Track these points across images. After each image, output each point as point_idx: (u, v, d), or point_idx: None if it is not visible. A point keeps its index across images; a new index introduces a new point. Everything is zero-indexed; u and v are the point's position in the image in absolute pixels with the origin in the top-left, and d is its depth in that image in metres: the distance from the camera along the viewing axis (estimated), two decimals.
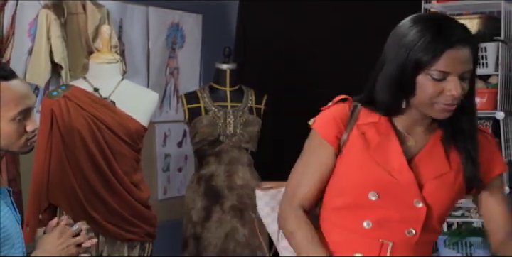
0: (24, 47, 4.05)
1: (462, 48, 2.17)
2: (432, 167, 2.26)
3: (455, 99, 2.19)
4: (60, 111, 3.72)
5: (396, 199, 2.23)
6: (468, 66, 2.19)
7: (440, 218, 2.32)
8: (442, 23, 2.22)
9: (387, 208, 2.24)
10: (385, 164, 2.24)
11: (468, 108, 2.30)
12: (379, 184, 2.24)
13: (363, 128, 2.29)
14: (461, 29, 2.21)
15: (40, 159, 3.73)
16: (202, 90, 4.71)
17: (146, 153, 4.49)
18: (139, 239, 3.89)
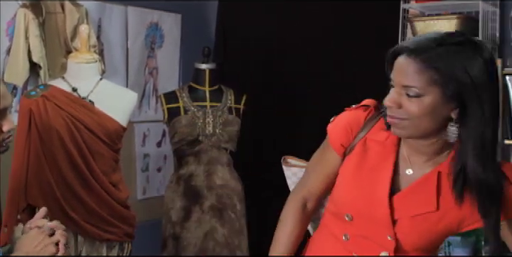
0: (2, 47, 4.03)
1: (408, 57, 1.98)
2: (414, 204, 2.11)
3: (391, 111, 2.01)
4: (38, 110, 3.71)
5: (369, 225, 2.16)
6: (409, 81, 1.96)
7: (422, 251, 2.19)
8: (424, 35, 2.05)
9: (362, 230, 2.18)
10: (369, 190, 2.15)
11: (466, 145, 2.00)
12: (354, 209, 2.17)
13: (370, 144, 2.19)
14: (428, 40, 1.99)
15: (18, 159, 3.71)
16: (181, 90, 4.70)
17: (125, 153, 4.48)
18: (118, 239, 3.88)
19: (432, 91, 1.94)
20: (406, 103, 1.98)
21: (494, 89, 1.98)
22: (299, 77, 5.22)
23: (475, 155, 1.98)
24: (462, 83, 1.93)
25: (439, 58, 1.93)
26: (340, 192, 2.24)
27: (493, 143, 1.98)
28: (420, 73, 1.94)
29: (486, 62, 1.97)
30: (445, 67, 1.92)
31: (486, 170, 1.99)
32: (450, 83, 1.93)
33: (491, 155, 1.99)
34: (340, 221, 2.24)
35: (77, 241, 3.78)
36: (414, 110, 1.97)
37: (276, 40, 5.40)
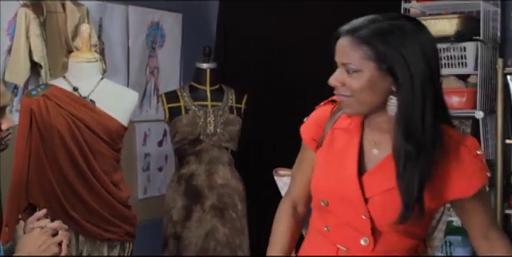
0: (3, 46, 4.03)
1: (343, 37, 2.12)
2: (382, 180, 2.17)
3: (337, 90, 2.15)
4: (39, 110, 3.71)
5: (344, 208, 2.21)
6: (345, 58, 2.10)
7: (404, 232, 2.21)
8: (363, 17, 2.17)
9: (338, 216, 2.24)
10: (339, 173, 2.22)
11: (398, 121, 2.10)
12: (328, 193, 2.24)
13: (336, 132, 2.28)
14: (363, 21, 2.14)
15: (19, 159, 3.71)
16: (182, 89, 4.70)
17: (126, 153, 4.48)
18: (119, 239, 3.88)
19: (367, 65, 2.07)
20: (348, 80, 2.10)
21: (428, 68, 2.06)
22: (299, 77, 5.21)
23: (399, 127, 2.08)
24: (394, 59, 2.04)
25: (372, 35, 2.06)
26: (314, 181, 2.31)
27: (422, 120, 2.06)
28: (355, 49, 2.07)
29: (421, 42, 2.06)
30: (377, 43, 2.05)
31: (409, 142, 2.07)
32: (383, 58, 2.05)
33: (418, 131, 2.06)
34: (320, 213, 2.30)
35: (78, 241, 3.78)
36: (356, 85, 2.09)
37: (277, 39, 5.40)
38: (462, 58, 4.35)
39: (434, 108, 2.08)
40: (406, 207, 2.09)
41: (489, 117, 4.39)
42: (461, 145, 2.15)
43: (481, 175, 2.17)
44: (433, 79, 2.08)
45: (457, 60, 4.37)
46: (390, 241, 2.22)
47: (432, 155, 2.09)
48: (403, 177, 2.09)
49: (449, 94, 4.34)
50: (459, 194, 2.17)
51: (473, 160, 2.15)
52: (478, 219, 2.24)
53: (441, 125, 2.14)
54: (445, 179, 2.15)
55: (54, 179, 3.70)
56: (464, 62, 4.35)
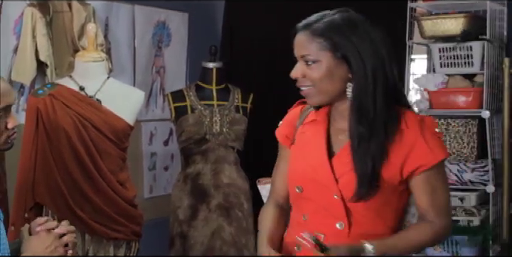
0: (9, 46, 4.03)
1: (300, 33, 2.32)
2: (348, 161, 2.29)
3: (298, 83, 2.33)
4: (45, 109, 3.71)
5: (317, 191, 2.34)
6: (303, 50, 2.29)
7: (373, 214, 2.31)
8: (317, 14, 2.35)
9: (313, 201, 2.35)
10: (310, 159, 2.36)
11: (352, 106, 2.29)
12: (301, 179, 2.37)
13: (306, 127, 2.43)
14: (316, 17, 2.33)
15: (25, 158, 3.71)
16: (188, 89, 4.70)
17: (132, 152, 4.48)
18: (125, 238, 3.88)
19: (324, 55, 2.26)
20: (307, 71, 2.29)
21: (377, 56, 2.25)
22: None
23: (353, 111, 2.27)
24: (347, 48, 2.24)
25: (326, 27, 2.26)
26: (288, 172, 2.45)
27: (373, 103, 2.24)
28: (311, 42, 2.28)
29: (369, 32, 2.28)
30: (331, 34, 2.25)
31: (361, 124, 2.25)
32: (337, 48, 2.24)
33: (370, 114, 2.24)
34: (297, 203, 2.43)
35: (85, 240, 3.79)
36: (316, 75, 2.27)
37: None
38: (468, 57, 4.35)
39: (385, 93, 2.25)
40: (360, 183, 2.24)
41: (496, 116, 4.38)
42: (420, 123, 2.29)
43: (442, 149, 2.31)
44: (383, 66, 2.26)
45: (463, 60, 4.36)
46: (364, 224, 2.32)
47: (385, 135, 2.25)
48: (357, 156, 2.26)
49: (455, 94, 4.34)
50: (419, 163, 2.27)
51: (433, 136, 2.30)
52: (423, 198, 2.33)
53: (400, 108, 2.30)
54: (405, 155, 2.27)
55: (60, 179, 3.70)
56: (470, 62, 4.35)
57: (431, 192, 2.32)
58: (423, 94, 4.40)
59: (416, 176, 2.30)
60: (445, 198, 2.36)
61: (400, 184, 2.32)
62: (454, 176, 4.34)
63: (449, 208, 2.38)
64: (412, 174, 2.30)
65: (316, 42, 2.27)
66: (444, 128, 4.36)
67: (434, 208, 2.33)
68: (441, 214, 2.34)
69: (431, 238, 2.35)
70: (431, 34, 4.44)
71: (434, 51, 4.47)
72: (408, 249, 2.34)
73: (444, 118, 4.38)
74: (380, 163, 2.25)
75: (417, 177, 2.30)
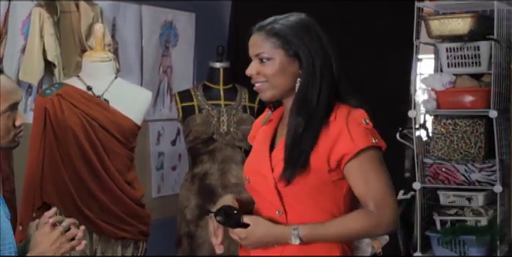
0: (17, 46, 4.04)
1: (255, 34, 2.50)
2: (282, 150, 2.44)
3: (253, 80, 2.49)
4: (53, 109, 3.72)
5: (260, 183, 2.49)
6: (258, 49, 2.47)
7: (309, 199, 2.41)
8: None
9: (258, 191, 2.51)
10: (256, 153, 2.56)
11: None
12: (248, 170, 2.56)
13: (264, 127, 2.61)
14: (270, 19, 2.52)
15: (33, 157, 3.72)
16: (195, 88, 4.71)
17: (140, 152, 4.49)
18: (133, 238, 3.89)
19: (277, 53, 2.43)
20: (262, 68, 2.46)
21: (324, 54, 2.43)
22: None
23: (296, 102, 2.43)
24: (299, 46, 2.42)
25: (279, 28, 2.45)
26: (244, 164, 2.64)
27: (317, 97, 2.40)
28: (265, 41, 2.46)
29: (318, 32, 2.46)
30: (284, 34, 2.44)
31: (301, 115, 2.40)
32: (289, 46, 2.42)
33: (312, 106, 2.40)
34: (250, 193, 2.58)
35: (92, 239, 3.80)
36: (269, 71, 2.44)
37: None
38: (476, 57, 4.34)
39: (329, 88, 2.42)
40: (286, 165, 2.39)
41: (503, 116, 4.37)
42: (349, 115, 2.40)
43: (365, 138, 2.39)
44: (331, 63, 2.44)
45: (471, 59, 4.36)
46: (301, 212, 2.42)
47: (319, 125, 2.39)
48: (287, 143, 2.41)
49: (462, 94, 4.33)
50: (342, 152, 2.37)
51: (358, 126, 2.39)
52: (358, 188, 2.41)
53: (336, 103, 2.44)
54: (331, 145, 2.38)
55: (68, 178, 3.71)
56: (477, 62, 4.34)
57: (363, 182, 2.40)
58: (430, 93, 4.40)
59: (345, 166, 2.39)
60: (381, 188, 2.40)
61: (329, 173, 2.40)
62: (461, 176, 4.33)
63: (388, 199, 2.40)
64: (340, 163, 2.39)
65: (270, 42, 2.45)
66: (452, 128, 4.35)
67: (371, 198, 2.39)
68: (378, 204, 2.38)
69: (368, 227, 2.39)
70: (438, 34, 4.44)
71: (441, 51, 4.46)
72: (342, 235, 2.41)
73: (452, 118, 4.37)
74: (308, 150, 2.38)
75: (347, 167, 2.39)
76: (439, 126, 4.39)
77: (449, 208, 4.41)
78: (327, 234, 2.39)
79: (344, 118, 2.40)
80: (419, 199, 4.38)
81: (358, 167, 2.39)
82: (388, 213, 2.39)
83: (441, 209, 4.43)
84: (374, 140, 2.40)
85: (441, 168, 4.35)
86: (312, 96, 2.41)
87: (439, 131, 4.39)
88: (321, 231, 2.38)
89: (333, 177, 2.41)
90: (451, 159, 4.35)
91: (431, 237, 4.38)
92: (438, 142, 4.38)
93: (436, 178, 4.37)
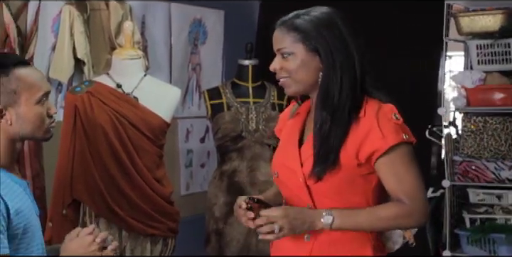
0: (47, 43, 4.07)
1: (277, 29, 2.51)
2: (312, 144, 2.45)
3: (277, 75, 2.50)
4: (83, 106, 3.74)
5: (288, 177, 2.50)
6: (280, 44, 2.48)
7: (337, 194, 2.42)
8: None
9: (287, 185, 2.53)
10: (285, 147, 2.58)
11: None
12: (277, 164, 2.57)
13: (291, 120, 2.63)
14: (292, 14, 2.53)
15: (63, 155, 3.75)
16: (224, 86, 4.71)
17: (169, 149, 4.50)
18: (162, 235, 3.90)
19: (298, 48, 2.44)
20: (284, 63, 2.46)
21: (344, 48, 2.42)
22: None
23: (319, 96, 2.44)
24: (318, 41, 2.42)
25: (299, 23, 2.46)
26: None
27: (339, 91, 2.40)
28: (286, 36, 2.46)
29: (338, 26, 2.45)
30: (303, 29, 2.43)
31: (325, 109, 2.41)
32: (309, 40, 2.42)
33: (334, 100, 2.40)
34: (279, 187, 2.60)
35: (122, 236, 3.81)
36: (290, 66, 2.45)
37: None
38: (507, 54, 4.31)
39: (352, 83, 2.41)
40: (316, 162, 2.40)
41: None
42: (379, 111, 2.40)
43: (396, 134, 2.38)
44: (352, 58, 2.42)
45: (501, 56, 4.33)
46: (330, 206, 2.41)
47: (347, 122, 2.39)
48: (316, 138, 2.42)
49: (492, 91, 4.31)
50: (373, 148, 2.37)
51: (388, 122, 2.38)
52: (390, 183, 2.40)
53: (366, 98, 2.43)
54: (360, 140, 2.38)
55: (98, 175, 3.73)
56: (508, 58, 4.32)
57: (395, 177, 2.39)
58: (460, 91, 4.37)
59: (376, 162, 2.39)
60: (412, 183, 2.40)
61: (358, 168, 2.40)
62: (491, 174, 4.31)
63: (419, 193, 2.41)
64: (370, 159, 2.39)
65: (290, 36, 2.45)
66: (482, 126, 4.33)
67: (402, 192, 2.39)
68: (411, 197, 2.39)
69: (400, 217, 2.40)
70: (468, 31, 4.41)
71: (471, 48, 4.44)
72: (372, 223, 2.41)
73: (482, 116, 4.35)
74: (338, 147, 2.39)
75: (378, 163, 2.39)
76: (469, 123, 4.37)
77: (479, 206, 4.39)
78: (358, 220, 2.39)
79: (374, 113, 2.39)
80: (448, 197, 4.36)
81: (390, 163, 2.38)
82: (419, 205, 2.40)
83: (471, 207, 4.41)
84: (404, 136, 2.39)
85: (470, 166, 4.32)
86: (334, 91, 2.40)
87: (469, 129, 4.36)
88: (352, 215, 2.39)
89: (362, 172, 2.41)
90: (481, 157, 4.32)
91: (460, 235, 4.36)
92: (468, 139, 4.36)
93: (465, 176, 4.34)
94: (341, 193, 2.42)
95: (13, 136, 2.35)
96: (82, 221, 3.81)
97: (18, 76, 2.34)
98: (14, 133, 2.35)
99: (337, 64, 2.40)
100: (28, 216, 2.29)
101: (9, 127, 2.33)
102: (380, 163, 2.39)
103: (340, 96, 2.40)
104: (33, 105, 2.35)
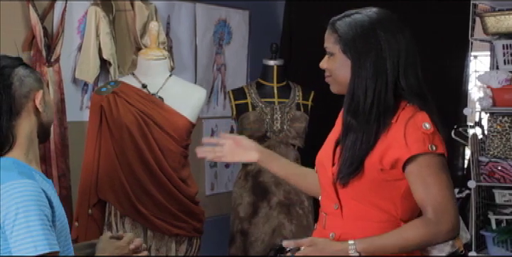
0: (73, 44, 4.09)
1: (327, 29, 2.53)
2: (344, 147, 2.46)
3: (325, 73, 2.54)
4: (109, 106, 3.76)
5: (323, 175, 2.54)
6: (325, 43, 2.51)
7: (362, 197, 2.41)
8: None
9: (321, 182, 2.56)
10: (325, 146, 2.59)
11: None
12: (317, 161, 2.60)
13: (339, 119, 2.60)
14: (341, 14, 2.54)
15: (89, 154, 3.77)
16: (249, 86, 4.72)
17: (194, 149, 4.50)
18: (187, 234, 3.92)
19: (336, 49, 2.48)
20: (328, 63, 2.52)
21: (376, 54, 2.41)
22: None
23: (345, 102, 2.45)
24: (346, 44, 2.44)
25: (339, 24, 2.48)
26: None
27: (364, 97, 2.39)
28: (329, 36, 2.51)
29: (375, 31, 2.43)
30: (340, 31, 2.46)
31: (349, 114, 2.42)
32: (342, 43, 2.46)
33: (360, 106, 2.39)
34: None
35: (147, 236, 3.83)
36: (331, 66, 2.50)
37: None
38: None
39: (383, 89, 2.39)
40: (340, 167, 2.41)
41: None
42: (410, 119, 2.37)
43: (420, 144, 2.34)
44: (384, 64, 2.40)
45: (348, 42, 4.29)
46: (354, 207, 2.43)
47: (377, 128, 2.38)
48: (342, 143, 2.44)
49: None
50: (396, 156, 2.35)
51: (415, 132, 2.35)
52: (417, 193, 2.36)
53: (403, 104, 2.41)
54: (386, 147, 2.37)
55: (123, 176, 3.75)
56: None
57: (422, 187, 2.35)
58: (486, 91, 4.35)
59: (405, 170, 2.36)
60: (441, 194, 2.34)
61: (382, 173, 2.38)
62: None
63: (447, 205, 2.34)
64: (396, 166, 2.36)
65: (332, 37, 2.49)
66: (508, 126, 4.30)
67: (429, 204, 2.34)
68: (437, 211, 2.33)
69: (427, 237, 2.34)
70: (494, 30, 4.38)
71: (497, 48, 4.41)
72: (400, 247, 2.36)
73: (508, 116, 4.33)
74: (362, 154, 2.38)
75: (407, 171, 2.36)
76: (495, 123, 4.35)
77: (505, 207, 4.36)
78: (385, 246, 2.34)
79: (405, 121, 2.36)
80: (474, 197, 4.34)
81: (416, 173, 2.34)
82: (447, 220, 2.33)
83: (497, 207, 4.39)
84: (431, 147, 2.34)
85: (496, 166, 4.30)
86: (359, 96, 2.40)
87: (495, 129, 4.34)
88: (378, 243, 2.34)
89: (386, 178, 2.38)
90: (507, 157, 4.30)
91: (486, 236, 4.34)
92: (494, 140, 4.34)
93: (491, 177, 4.32)
94: (366, 197, 2.41)
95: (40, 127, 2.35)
96: (108, 220, 3.83)
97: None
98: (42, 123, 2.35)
99: (363, 69, 2.40)
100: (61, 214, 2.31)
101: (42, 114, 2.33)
102: (408, 172, 2.35)
103: (365, 102, 2.39)
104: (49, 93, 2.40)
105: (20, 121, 2.30)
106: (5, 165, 2.23)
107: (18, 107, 2.29)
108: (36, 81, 2.33)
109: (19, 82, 2.29)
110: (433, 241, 2.36)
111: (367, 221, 2.41)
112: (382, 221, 2.40)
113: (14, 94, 2.28)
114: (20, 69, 2.31)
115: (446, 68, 5.12)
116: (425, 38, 5.13)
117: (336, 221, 2.46)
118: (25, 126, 2.31)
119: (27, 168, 2.26)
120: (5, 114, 2.27)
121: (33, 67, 2.43)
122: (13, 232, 2.12)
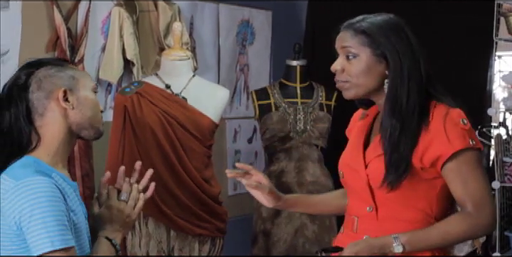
0: (97, 45, 4.11)
1: (343, 31, 2.47)
2: (378, 148, 2.43)
3: (337, 77, 2.46)
4: (132, 107, 3.77)
5: (352, 177, 2.51)
6: (346, 43, 2.43)
7: (399, 197, 2.39)
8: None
9: (350, 186, 2.54)
10: (351, 148, 2.57)
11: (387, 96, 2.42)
12: (343, 165, 2.57)
13: (360, 122, 2.62)
14: (358, 18, 2.49)
15: (113, 154, 3.78)
16: (272, 86, 4.72)
17: (217, 149, 4.52)
18: (210, 235, 3.92)
19: (364, 51, 2.41)
20: (347, 66, 2.43)
21: (412, 55, 2.40)
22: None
23: (387, 104, 2.40)
24: (386, 46, 2.39)
25: (367, 26, 2.42)
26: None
27: (407, 98, 2.37)
28: (353, 37, 2.42)
29: (406, 32, 2.44)
30: (372, 32, 2.40)
31: (394, 117, 2.37)
32: (377, 45, 2.40)
33: (403, 107, 2.37)
34: (345, 188, 2.62)
35: (170, 236, 3.84)
36: (354, 69, 2.41)
37: None
38: None
39: (419, 89, 2.39)
40: (388, 170, 2.36)
41: None
42: (447, 115, 2.37)
43: (462, 140, 2.35)
44: (419, 65, 2.40)
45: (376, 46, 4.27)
46: (391, 208, 2.42)
47: (415, 127, 2.37)
48: (387, 146, 2.38)
49: None
50: (438, 153, 2.34)
51: (455, 127, 2.36)
52: (456, 189, 2.37)
53: (434, 102, 2.41)
54: (426, 145, 2.36)
55: None
56: None
57: (462, 184, 2.36)
58: (510, 91, 4.33)
59: (443, 168, 2.36)
60: (480, 189, 2.36)
61: (422, 171, 2.38)
62: None
63: (487, 201, 2.37)
64: (436, 164, 2.36)
65: (358, 38, 2.41)
66: None
67: (469, 200, 2.35)
68: (477, 205, 2.35)
69: (468, 230, 2.36)
70: None
71: None
72: (443, 241, 2.38)
73: None
74: (409, 155, 2.36)
75: (445, 169, 2.36)
76: None
77: None
78: (428, 240, 2.35)
79: (442, 118, 2.36)
80: (498, 198, 4.32)
81: (456, 169, 2.35)
82: (487, 214, 2.35)
83: None
84: (471, 141, 2.36)
85: None
86: (402, 98, 2.38)
87: None
88: (422, 237, 2.35)
89: (426, 176, 2.38)
90: None
91: (510, 237, 4.32)
92: None
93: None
94: (404, 196, 2.40)
95: (72, 126, 2.36)
96: None
97: (72, 65, 2.40)
98: (74, 122, 2.36)
99: (404, 71, 2.38)
100: (78, 216, 2.32)
101: (71, 112, 2.34)
102: (447, 169, 2.36)
103: (408, 103, 2.37)
104: (90, 91, 2.39)
105: (46, 121, 2.32)
106: (24, 163, 2.27)
107: (40, 108, 2.31)
108: (61, 79, 2.34)
109: (37, 84, 2.31)
110: (473, 234, 2.41)
111: (403, 222, 2.41)
112: (418, 221, 2.40)
113: (32, 97, 2.30)
114: (42, 70, 2.33)
115: (470, 68, 5.10)
116: (450, 39, 5.13)
117: (370, 224, 2.45)
118: (51, 126, 2.33)
119: (46, 168, 2.28)
120: (23, 116, 2.30)
121: (66, 64, 2.42)
122: (30, 228, 2.16)
